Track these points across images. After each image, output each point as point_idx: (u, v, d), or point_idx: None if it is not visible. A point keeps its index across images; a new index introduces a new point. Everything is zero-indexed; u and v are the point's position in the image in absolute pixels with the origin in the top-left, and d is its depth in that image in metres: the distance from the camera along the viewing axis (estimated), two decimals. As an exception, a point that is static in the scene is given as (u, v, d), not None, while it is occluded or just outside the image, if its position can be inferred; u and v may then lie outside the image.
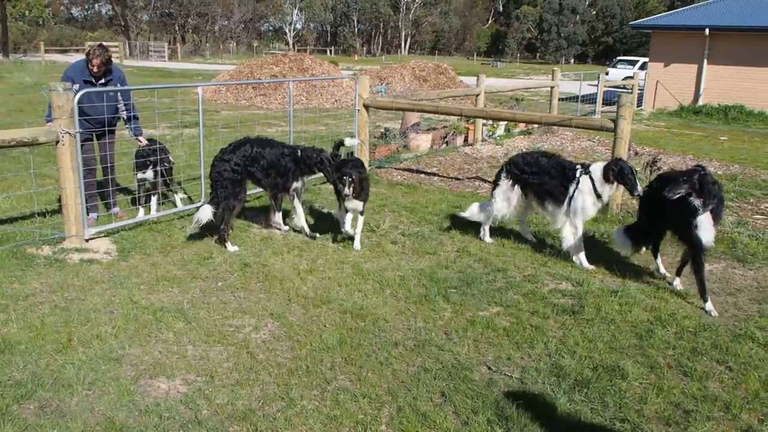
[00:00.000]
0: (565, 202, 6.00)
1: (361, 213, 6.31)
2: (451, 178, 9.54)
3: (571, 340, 4.48)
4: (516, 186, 6.37)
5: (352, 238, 6.38)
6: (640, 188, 5.74)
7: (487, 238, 6.63)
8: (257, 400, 3.74)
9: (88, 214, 6.43)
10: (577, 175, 5.96)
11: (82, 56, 6.92)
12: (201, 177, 7.34)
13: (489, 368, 4.12)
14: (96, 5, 78.29)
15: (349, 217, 6.31)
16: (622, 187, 5.92)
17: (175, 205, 7.45)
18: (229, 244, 6.22)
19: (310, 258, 6.04)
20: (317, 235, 6.61)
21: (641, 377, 4.05)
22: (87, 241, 6.18)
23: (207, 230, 6.52)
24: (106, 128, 6.83)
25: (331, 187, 6.96)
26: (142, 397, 3.76)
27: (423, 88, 22.76)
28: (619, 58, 35.87)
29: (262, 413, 3.62)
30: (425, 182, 9.20)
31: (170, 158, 7.34)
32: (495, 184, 6.54)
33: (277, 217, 6.82)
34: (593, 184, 5.87)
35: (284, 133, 13.06)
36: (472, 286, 5.38)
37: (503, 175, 6.45)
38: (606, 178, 5.81)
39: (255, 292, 5.24)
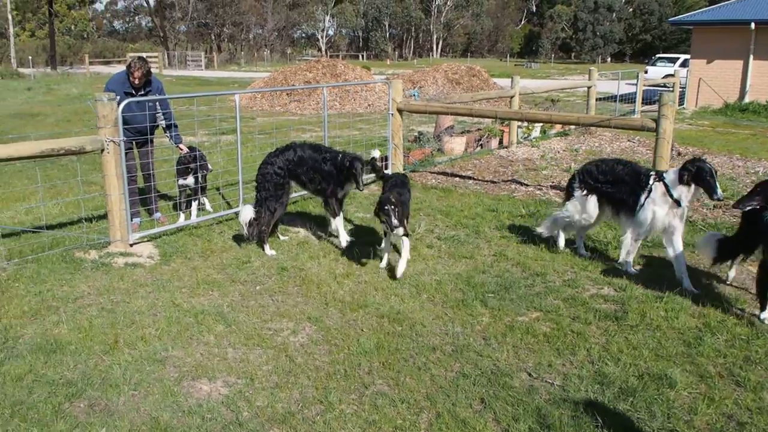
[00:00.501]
0: (636, 211, 5.60)
1: (406, 235, 5.70)
2: (487, 181, 9.49)
3: (614, 346, 4.40)
4: (591, 196, 5.95)
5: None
6: (720, 192, 5.20)
7: (582, 251, 6.24)
8: (296, 403, 3.78)
9: (131, 220, 6.57)
10: (650, 182, 5.51)
11: (123, 67, 7.09)
12: (239, 183, 7.44)
13: (529, 375, 4.08)
14: (136, 18, 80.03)
15: (388, 245, 5.89)
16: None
17: (202, 210, 7.59)
18: (267, 247, 6.29)
19: (346, 262, 6.07)
20: (348, 239, 6.47)
21: (690, 386, 3.92)
22: (131, 245, 6.32)
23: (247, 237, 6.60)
24: (148, 137, 6.99)
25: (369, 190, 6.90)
26: (185, 398, 3.83)
27: (456, 90, 22.68)
28: (658, 55, 35.22)
29: (301, 416, 3.66)
30: (460, 185, 9.17)
31: (208, 165, 7.47)
32: (568, 194, 6.16)
33: (334, 223, 6.59)
34: (667, 189, 5.39)
35: (318, 138, 13.14)
36: (510, 290, 5.34)
37: (577, 184, 6.04)
38: (681, 180, 5.31)
39: (293, 296, 5.30)
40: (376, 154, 7.03)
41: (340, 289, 5.42)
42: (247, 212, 6.31)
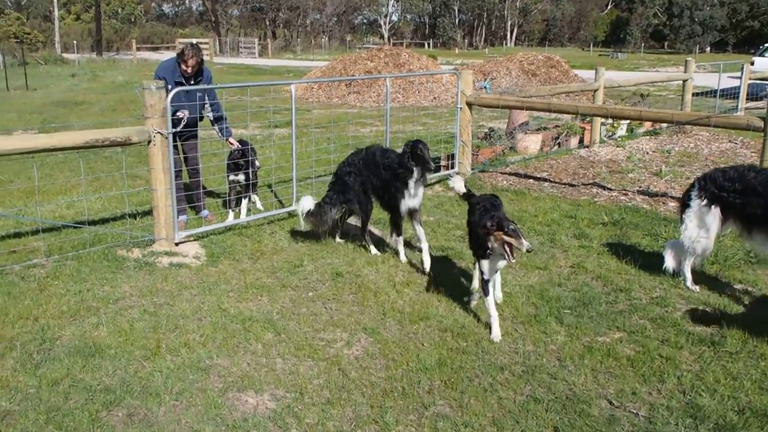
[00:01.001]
0: None
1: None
2: (564, 183, 9.34)
3: (710, 376, 4.24)
4: (714, 208, 5.44)
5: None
6: None
7: (692, 285, 5.65)
8: (349, 421, 3.80)
9: (177, 217, 6.74)
10: None
11: (172, 54, 7.29)
12: (293, 180, 7.54)
13: (610, 403, 3.98)
14: (187, 1, 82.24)
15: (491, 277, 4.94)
16: None
17: (252, 208, 7.73)
18: (373, 248, 6.49)
19: (406, 269, 6.07)
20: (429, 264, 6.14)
21: (798, 424, 3.75)
22: (177, 245, 6.48)
23: (307, 236, 6.68)
24: (195, 129, 7.16)
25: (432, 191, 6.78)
26: (230, 411, 3.89)
27: (532, 83, 22.43)
28: (767, 45, 33.92)
29: (354, 435, 3.67)
30: (534, 188, 9.06)
31: (256, 162, 7.57)
32: (684, 205, 5.66)
33: (391, 240, 6.44)
34: None
35: (379, 133, 13.22)
36: (590, 307, 5.24)
37: (696, 193, 5.53)
38: None
39: (347, 304, 5.32)
40: (456, 184, 5.81)
41: (400, 298, 5.42)
42: (306, 203, 6.43)
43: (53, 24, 54.52)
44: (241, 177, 7.48)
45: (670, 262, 5.79)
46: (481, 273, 4.88)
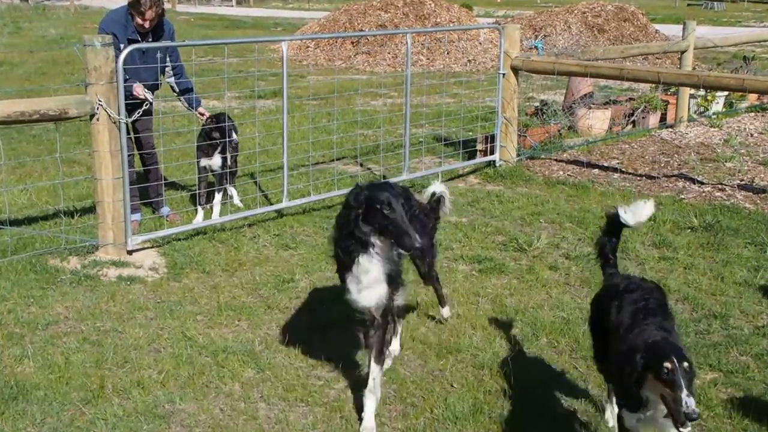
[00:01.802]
0: None
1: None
2: (640, 175, 9.31)
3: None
4: None
5: None
6: None
7: None
8: (355, 486, 3.80)
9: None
10: None
11: (121, 0, 7.30)
12: (283, 168, 7.55)
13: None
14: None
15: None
16: None
17: (227, 204, 7.79)
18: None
19: (431, 287, 6.07)
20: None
21: None
22: (129, 253, 6.51)
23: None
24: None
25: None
26: (197, 471, 3.91)
27: (598, 41, 22.35)
28: None
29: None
30: (600, 181, 9.03)
31: (234, 135, 7.61)
32: None
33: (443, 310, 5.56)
34: None
35: (396, 107, 13.24)
36: (673, 337, 5.21)
37: None
38: None
39: (352, 332, 5.32)
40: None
41: (422, 324, 5.42)
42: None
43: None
44: (215, 162, 7.50)
45: None
46: (620, 420, 3.64)
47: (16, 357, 4.91)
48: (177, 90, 7.47)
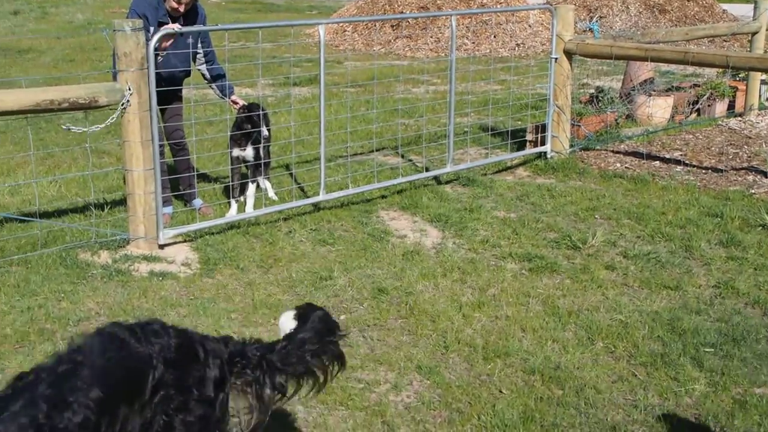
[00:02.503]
0: None
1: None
2: (706, 168, 9.23)
3: None
4: None
5: None
6: None
7: None
8: (398, 494, 3.83)
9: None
10: None
11: None
12: (321, 159, 7.60)
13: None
14: None
15: None
16: None
17: (264, 196, 7.86)
18: None
19: (477, 286, 6.08)
20: None
21: None
22: (161, 247, 6.60)
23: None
24: (182, 88, 7.26)
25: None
26: (233, 476, 3.96)
27: (660, 23, 22.15)
28: None
29: None
30: (662, 174, 8.97)
31: (265, 130, 7.67)
32: None
33: None
34: None
35: (439, 94, 13.23)
36: (742, 345, 5.18)
37: None
38: None
39: (395, 333, 5.36)
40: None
41: (468, 326, 5.43)
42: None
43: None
44: (248, 153, 7.57)
45: None
46: None
47: (48, 353, 4.97)
48: (208, 77, 7.55)
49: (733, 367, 4.92)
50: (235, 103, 7.61)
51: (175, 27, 6.67)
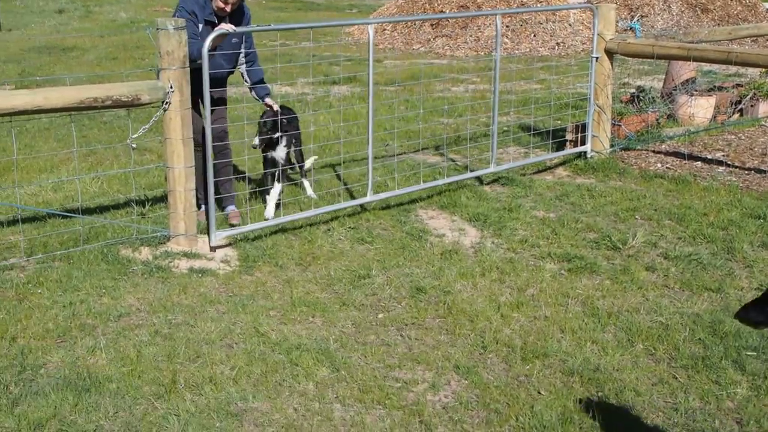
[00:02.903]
0: None
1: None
2: (748, 169, 9.13)
3: None
4: None
5: None
6: None
7: None
8: (435, 494, 3.82)
9: (198, 208, 6.87)
10: None
11: None
12: (368, 159, 7.57)
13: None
14: None
15: None
16: None
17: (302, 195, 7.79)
18: None
19: (516, 285, 6.06)
20: None
21: None
22: (213, 249, 6.62)
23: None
24: (226, 89, 7.24)
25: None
26: (271, 473, 3.98)
27: (702, 22, 21.96)
28: None
29: None
30: (703, 174, 8.89)
31: (282, 142, 7.59)
32: None
33: None
34: None
35: (479, 93, 13.20)
36: (784, 347, 5.14)
37: None
38: None
39: (432, 332, 5.35)
40: None
41: (506, 326, 5.41)
42: None
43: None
44: (281, 153, 7.53)
45: None
46: None
47: (89, 348, 5.05)
48: (248, 79, 7.51)
49: (776, 371, 4.87)
50: (268, 106, 7.54)
51: (228, 27, 6.64)
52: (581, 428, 4.29)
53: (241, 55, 7.34)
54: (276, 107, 7.54)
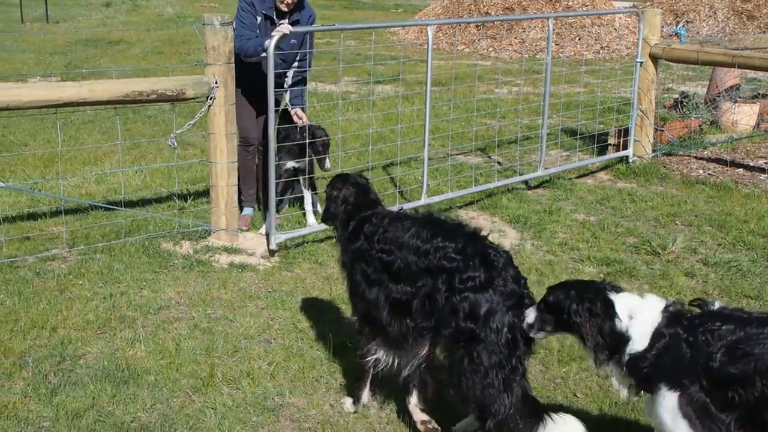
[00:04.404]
0: None
1: None
2: (791, 176, 9.03)
3: None
4: None
5: None
6: None
7: None
8: (469, 495, 3.82)
9: (240, 210, 6.90)
10: None
11: None
12: (424, 162, 7.54)
13: None
14: None
15: None
16: None
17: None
18: None
19: (555, 288, 6.04)
20: None
21: None
22: (272, 253, 6.57)
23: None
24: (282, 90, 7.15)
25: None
26: (305, 468, 4.00)
27: (748, 29, 21.72)
28: None
29: None
30: (746, 181, 8.79)
31: (327, 162, 7.30)
32: None
33: None
34: None
35: (523, 96, 13.14)
36: (822, 355, 5.04)
37: None
38: None
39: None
40: None
41: (544, 328, 5.39)
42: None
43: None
44: (304, 165, 7.25)
45: None
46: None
47: (128, 340, 5.11)
48: (289, 77, 7.18)
49: (817, 381, 4.79)
50: (298, 117, 7.12)
51: (285, 29, 6.41)
52: (616, 431, 4.27)
53: (298, 56, 7.10)
54: (304, 121, 7.11)
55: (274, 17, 6.89)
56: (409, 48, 20.42)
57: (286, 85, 7.11)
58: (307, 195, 7.32)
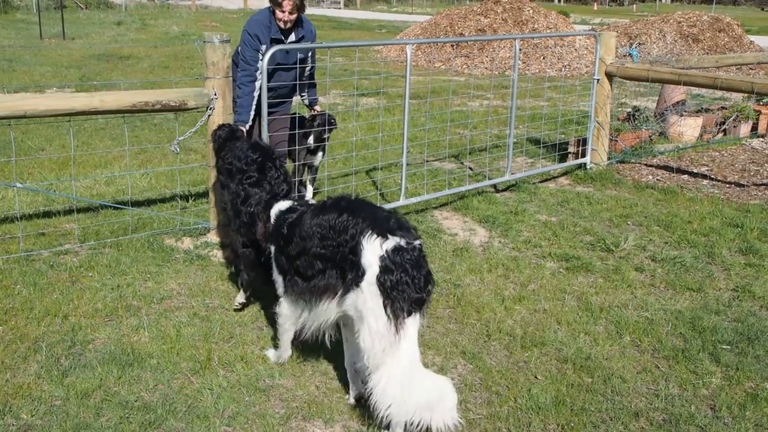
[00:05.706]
0: None
1: None
2: (729, 182, 9.07)
3: None
4: None
5: None
6: None
7: None
8: (439, 467, 3.82)
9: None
10: None
11: (261, 3, 7.14)
12: (402, 164, 7.49)
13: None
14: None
15: None
16: None
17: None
18: None
19: (519, 281, 6.05)
20: None
21: None
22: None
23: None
24: (290, 101, 7.14)
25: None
26: (292, 443, 3.99)
27: (693, 51, 21.85)
28: None
29: (444, 486, 3.69)
30: (689, 186, 8.84)
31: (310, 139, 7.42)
32: None
33: None
34: None
35: (493, 109, 13.17)
36: (756, 343, 5.10)
37: None
38: None
39: (442, 321, 5.35)
40: None
41: (509, 317, 5.40)
42: None
43: (98, -39, 56.78)
44: (319, 158, 7.55)
45: None
46: None
47: (133, 327, 5.10)
48: (305, 91, 7.29)
49: (747, 363, 4.85)
50: (318, 112, 7.41)
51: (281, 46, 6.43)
52: (572, 410, 4.28)
53: (307, 68, 7.07)
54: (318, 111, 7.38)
55: (283, 38, 6.76)
56: (391, 64, 20.46)
57: (301, 91, 7.25)
58: (309, 188, 7.50)
